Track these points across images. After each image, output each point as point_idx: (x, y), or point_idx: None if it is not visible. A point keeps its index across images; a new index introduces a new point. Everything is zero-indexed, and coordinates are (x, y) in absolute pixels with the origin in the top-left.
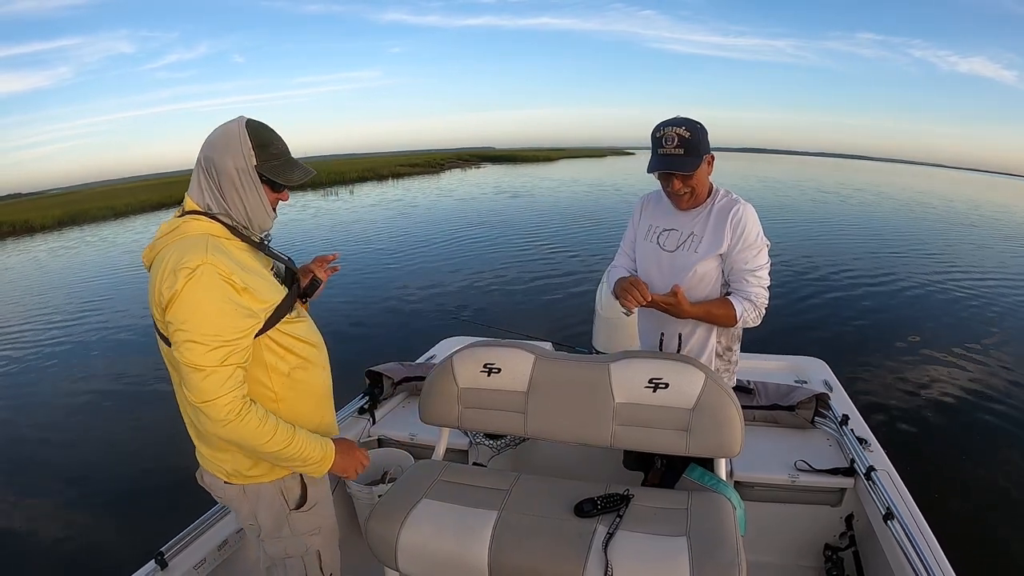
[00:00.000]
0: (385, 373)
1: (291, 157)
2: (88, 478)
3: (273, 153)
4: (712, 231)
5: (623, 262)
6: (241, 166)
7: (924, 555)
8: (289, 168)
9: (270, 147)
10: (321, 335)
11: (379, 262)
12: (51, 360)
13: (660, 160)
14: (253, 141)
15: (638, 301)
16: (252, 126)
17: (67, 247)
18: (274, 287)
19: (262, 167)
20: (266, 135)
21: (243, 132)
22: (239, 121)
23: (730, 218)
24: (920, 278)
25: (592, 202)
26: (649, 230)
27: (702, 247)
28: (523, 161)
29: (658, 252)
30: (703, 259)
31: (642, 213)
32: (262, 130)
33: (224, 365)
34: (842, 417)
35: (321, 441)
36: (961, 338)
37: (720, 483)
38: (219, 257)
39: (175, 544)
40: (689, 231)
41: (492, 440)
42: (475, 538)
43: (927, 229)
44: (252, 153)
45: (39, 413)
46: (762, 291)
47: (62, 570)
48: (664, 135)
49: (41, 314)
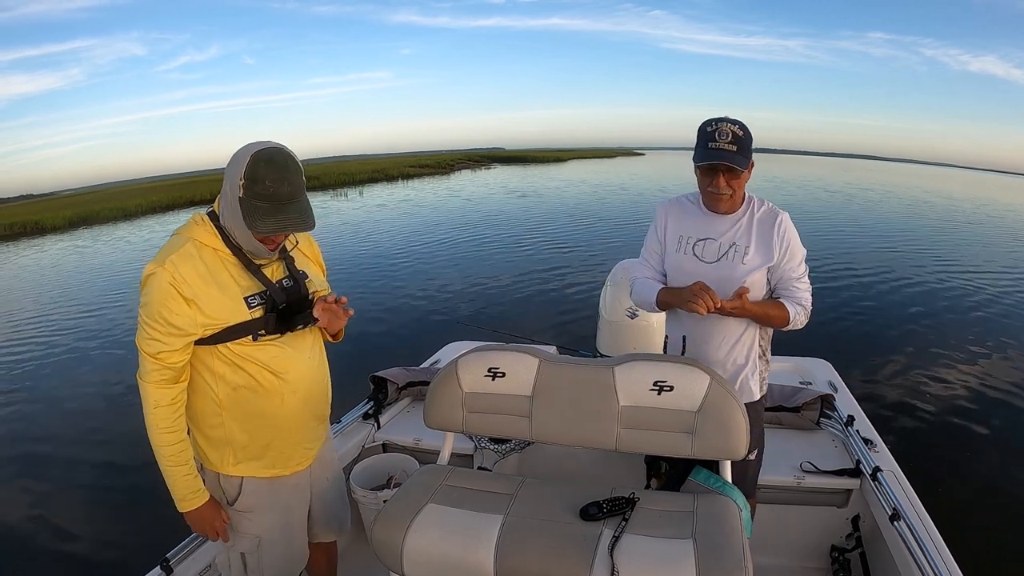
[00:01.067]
0: (389, 378)
1: (280, 203)
2: (99, 479)
3: (258, 192)
4: (759, 242)
5: (651, 273)
6: (233, 191)
7: (931, 556)
8: (262, 214)
9: (257, 185)
10: (306, 370)
11: (383, 265)
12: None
13: (711, 152)
14: (247, 172)
15: (709, 307)
16: (258, 157)
17: (80, 246)
18: (234, 308)
19: (243, 202)
20: (261, 172)
21: (246, 160)
22: (254, 148)
23: (776, 229)
24: (926, 278)
25: (598, 202)
26: (680, 241)
27: (750, 258)
28: (533, 162)
29: (696, 264)
30: (753, 271)
31: (667, 223)
32: (262, 166)
33: (155, 357)
34: (847, 418)
35: (195, 489)
36: (967, 338)
37: (726, 485)
38: (181, 265)
39: (181, 550)
40: (730, 241)
41: (497, 444)
42: (481, 542)
43: (934, 228)
44: (240, 184)
45: (51, 412)
46: (808, 295)
47: (69, 574)
48: (718, 129)
49: (61, 312)
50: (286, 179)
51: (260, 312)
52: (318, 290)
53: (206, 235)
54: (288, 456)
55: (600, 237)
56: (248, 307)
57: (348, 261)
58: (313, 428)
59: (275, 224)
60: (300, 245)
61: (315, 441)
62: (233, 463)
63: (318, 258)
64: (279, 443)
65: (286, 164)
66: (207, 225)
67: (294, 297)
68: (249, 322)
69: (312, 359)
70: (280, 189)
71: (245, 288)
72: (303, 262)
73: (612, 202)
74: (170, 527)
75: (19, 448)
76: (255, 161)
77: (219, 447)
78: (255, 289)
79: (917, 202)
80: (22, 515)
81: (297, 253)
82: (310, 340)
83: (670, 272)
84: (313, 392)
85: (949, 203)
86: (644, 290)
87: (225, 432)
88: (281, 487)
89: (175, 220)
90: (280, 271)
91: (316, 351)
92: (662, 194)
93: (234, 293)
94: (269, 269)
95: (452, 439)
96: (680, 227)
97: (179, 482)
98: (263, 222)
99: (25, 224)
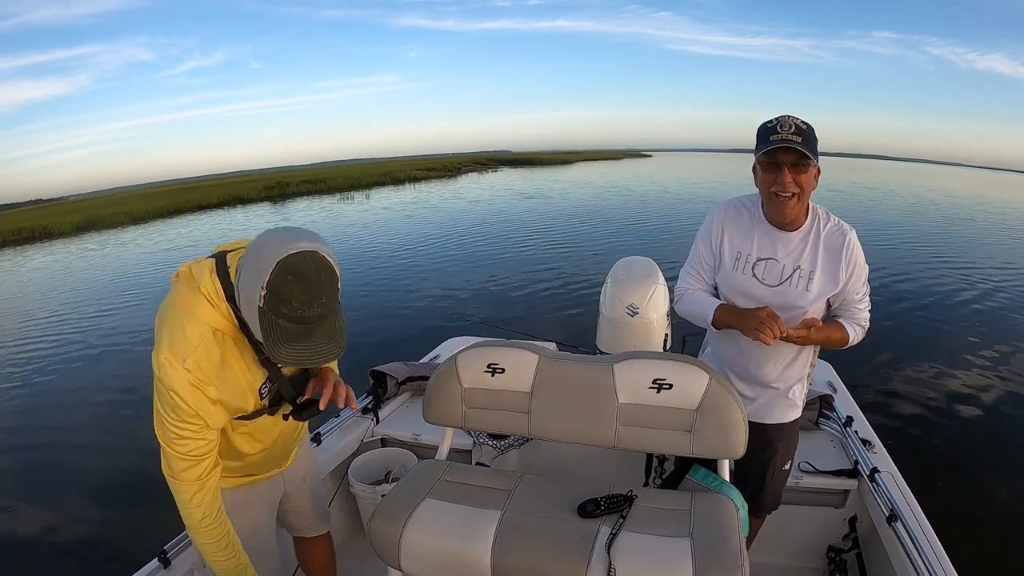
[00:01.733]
0: (389, 373)
1: (303, 327)
2: (97, 473)
3: (282, 312)
4: (825, 266)
5: (700, 285)
6: (252, 291)
7: (927, 557)
8: (284, 338)
9: (281, 304)
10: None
11: (385, 261)
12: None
13: (774, 141)
14: (270, 283)
15: (776, 335)
16: (285, 268)
17: (91, 249)
18: (248, 400)
19: (263, 314)
20: (287, 289)
21: (270, 267)
22: (280, 249)
23: (844, 252)
24: (926, 277)
25: (601, 202)
26: (739, 259)
27: (816, 286)
28: (540, 164)
29: (756, 286)
30: (817, 300)
31: (723, 234)
32: (289, 281)
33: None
34: (846, 419)
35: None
36: (968, 339)
37: (723, 484)
38: (203, 362)
39: (178, 542)
40: (794, 263)
41: (496, 440)
42: (478, 538)
43: (934, 227)
44: (261, 294)
45: (60, 411)
46: (867, 314)
47: (67, 567)
48: (780, 122)
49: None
50: (317, 300)
51: (266, 401)
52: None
53: (221, 320)
54: (258, 469)
55: (602, 235)
56: (260, 396)
57: (351, 257)
58: (284, 451)
59: (296, 354)
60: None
61: (287, 455)
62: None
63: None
64: (246, 468)
65: (318, 281)
66: (221, 306)
67: (300, 389)
68: (255, 411)
69: (288, 423)
70: (309, 312)
71: (258, 378)
72: None
73: (615, 202)
74: (168, 519)
75: (23, 442)
76: (281, 272)
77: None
78: (264, 376)
79: (920, 201)
80: (23, 508)
81: None
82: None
83: (724, 289)
84: (281, 445)
85: (952, 201)
86: (697, 304)
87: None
88: (248, 491)
89: (182, 224)
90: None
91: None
92: (666, 194)
93: (249, 385)
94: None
95: (451, 434)
96: (739, 242)
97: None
98: (284, 349)
99: (33, 229)
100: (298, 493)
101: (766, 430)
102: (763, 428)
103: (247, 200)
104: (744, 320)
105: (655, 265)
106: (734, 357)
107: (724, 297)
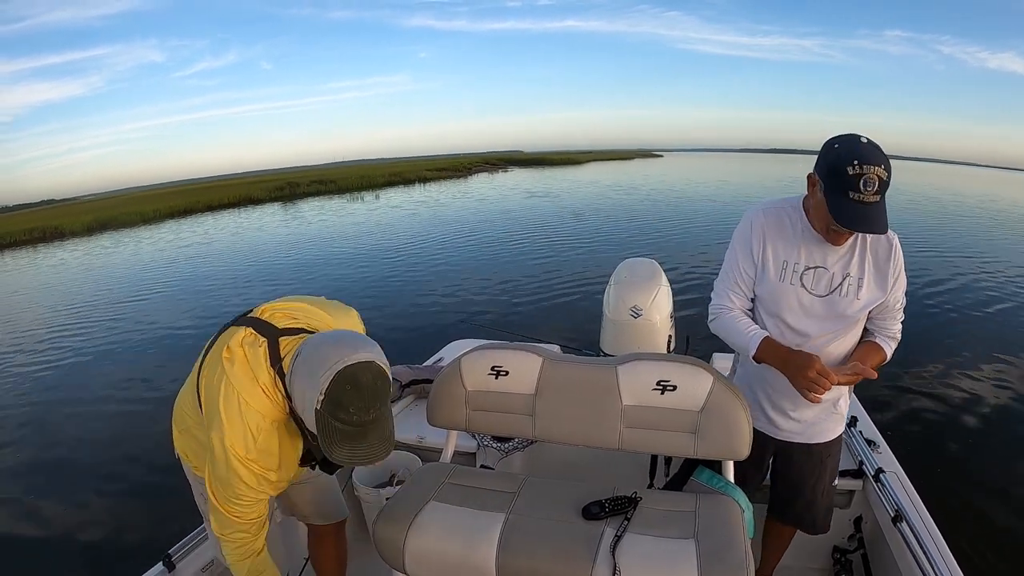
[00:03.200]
0: (393, 375)
1: (359, 430)
2: (104, 476)
3: (339, 416)
4: (874, 272)
5: (739, 301)
6: (310, 396)
7: (933, 557)
8: (339, 439)
9: (339, 411)
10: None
11: (389, 263)
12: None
13: (855, 211)
14: (329, 390)
15: (826, 389)
16: (344, 377)
17: (107, 247)
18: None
19: (320, 416)
20: (346, 398)
21: (331, 375)
22: (341, 358)
23: (892, 257)
24: (930, 277)
25: (606, 202)
26: (785, 268)
27: (865, 294)
28: (551, 164)
29: (803, 295)
30: (867, 307)
31: (765, 242)
32: (350, 391)
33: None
34: (850, 419)
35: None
36: (973, 338)
37: (728, 485)
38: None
39: (183, 546)
40: (843, 271)
41: (500, 443)
42: (483, 541)
43: (942, 226)
44: (319, 399)
45: (65, 409)
46: (900, 323)
47: (71, 568)
48: (865, 176)
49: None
50: (373, 407)
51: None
52: None
53: (277, 413)
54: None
55: (605, 236)
56: (300, 463)
57: (357, 259)
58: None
59: (351, 456)
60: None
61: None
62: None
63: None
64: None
65: (375, 387)
66: (277, 397)
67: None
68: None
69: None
70: (365, 418)
71: (301, 449)
72: None
73: (620, 202)
74: (173, 523)
75: (33, 444)
76: (340, 380)
77: (201, 454)
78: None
79: (928, 200)
80: (30, 510)
81: None
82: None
83: (767, 299)
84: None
85: (959, 200)
86: (738, 333)
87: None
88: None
89: (194, 225)
90: None
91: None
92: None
93: (295, 459)
94: None
95: (455, 437)
96: (784, 250)
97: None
98: (339, 449)
99: (46, 229)
100: (313, 482)
101: (812, 450)
102: (809, 449)
103: (258, 200)
104: (791, 371)
105: (658, 266)
106: (778, 379)
107: (766, 307)
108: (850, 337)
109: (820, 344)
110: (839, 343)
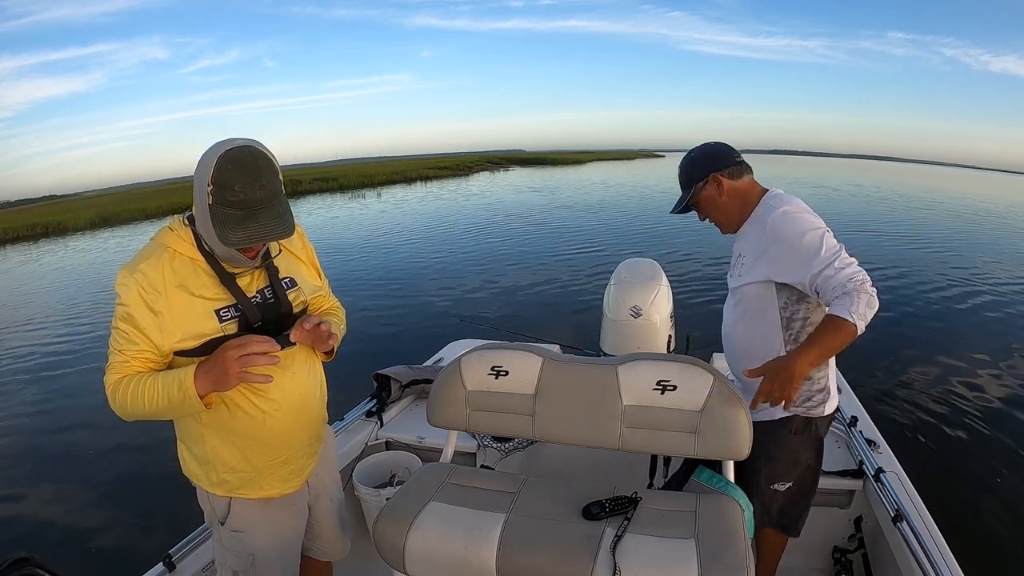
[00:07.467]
0: (393, 376)
1: (252, 210)
2: (106, 477)
3: (227, 199)
4: (754, 247)
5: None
6: (202, 197)
7: (933, 557)
8: (232, 223)
9: (226, 192)
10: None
11: (388, 262)
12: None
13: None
14: (214, 177)
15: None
16: (225, 159)
17: (106, 245)
18: (204, 321)
19: (212, 209)
20: (229, 176)
21: (213, 162)
22: (221, 148)
23: (766, 229)
24: (931, 277)
25: (607, 202)
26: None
27: (747, 269)
28: (552, 164)
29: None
30: (750, 283)
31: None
32: (230, 169)
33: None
34: (851, 419)
35: (180, 380)
36: (973, 338)
37: (728, 485)
38: (151, 273)
39: (183, 547)
40: (737, 252)
41: (500, 443)
42: (483, 541)
43: (943, 228)
44: (208, 191)
45: (70, 409)
46: (848, 274)
47: (71, 569)
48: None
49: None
50: (257, 182)
51: (234, 326)
52: (308, 298)
53: (180, 242)
54: (277, 477)
55: (605, 236)
56: (220, 320)
57: (354, 259)
58: (304, 447)
59: (245, 235)
60: (292, 244)
61: (308, 459)
62: (218, 484)
63: (312, 259)
64: (264, 464)
65: (256, 165)
66: (182, 231)
67: (271, 315)
68: (222, 337)
69: (298, 375)
70: (251, 195)
71: (217, 300)
72: (292, 266)
73: (621, 202)
74: (173, 524)
75: (33, 443)
76: (222, 164)
77: (204, 464)
78: (228, 302)
79: (931, 203)
80: (29, 509)
81: (286, 256)
82: (297, 356)
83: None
84: (300, 411)
85: (961, 203)
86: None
87: (208, 449)
88: (274, 507)
89: None
90: (261, 281)
91: (305, 367)
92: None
93: (204, 306)
94: (247, 279)
95: (455, 437)
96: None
97: (165, 392)
98: (233, 232)
99: (47, 224)
100: (323, 514)
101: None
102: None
103: None
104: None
105: (658, 266)
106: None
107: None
108: (749, 321)
109: (727, 330)
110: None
